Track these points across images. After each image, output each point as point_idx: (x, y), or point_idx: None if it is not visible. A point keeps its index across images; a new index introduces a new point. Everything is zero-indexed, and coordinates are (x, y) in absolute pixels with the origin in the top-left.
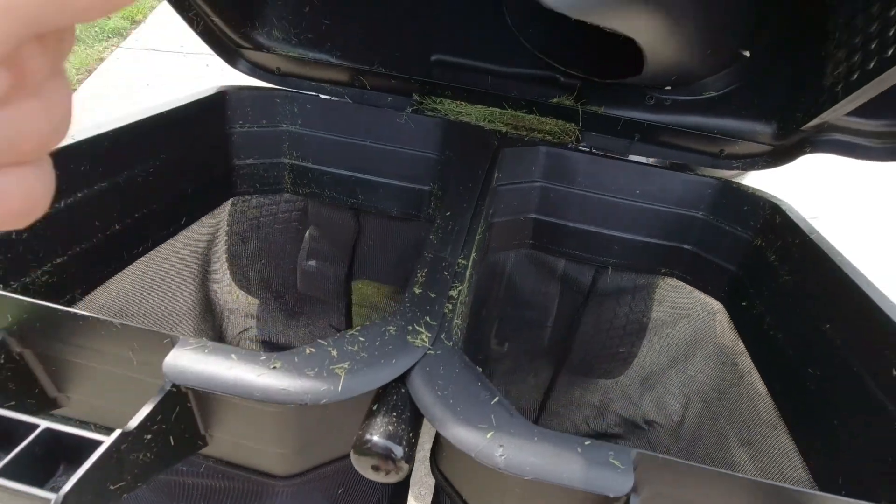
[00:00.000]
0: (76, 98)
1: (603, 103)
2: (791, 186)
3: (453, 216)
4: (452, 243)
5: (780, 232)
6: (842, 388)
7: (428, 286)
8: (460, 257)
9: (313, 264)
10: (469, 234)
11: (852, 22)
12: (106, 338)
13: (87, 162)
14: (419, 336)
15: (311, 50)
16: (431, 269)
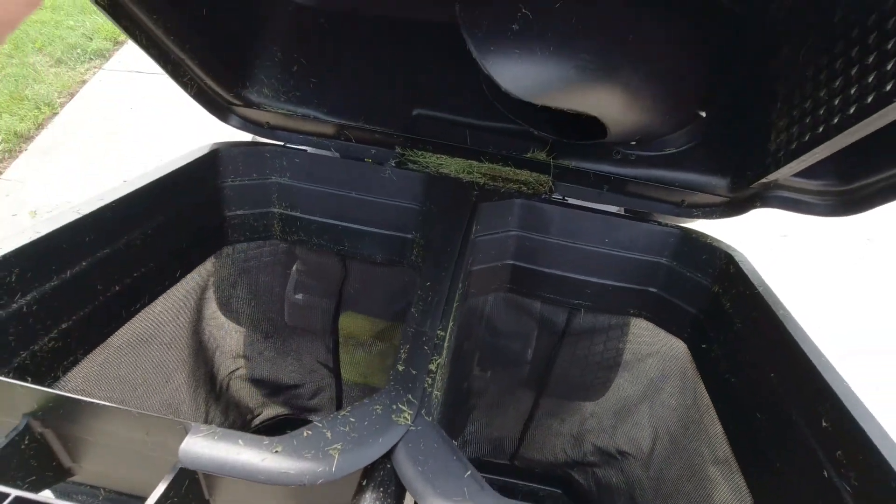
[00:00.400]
0: (59, 122)
1: (573, 157)
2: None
3: (433, 286)
4: (432, 316)
5: (734, 281)
6: (783, 434)
7: (410, 362)
8: (439, 329)
9: (300, 297)
10: (447, 303)
11: (791, 96)
12: (124, 423)
13: (92, 233)
14: (402, 414)
15: (298, 106)
16: (413, 345)
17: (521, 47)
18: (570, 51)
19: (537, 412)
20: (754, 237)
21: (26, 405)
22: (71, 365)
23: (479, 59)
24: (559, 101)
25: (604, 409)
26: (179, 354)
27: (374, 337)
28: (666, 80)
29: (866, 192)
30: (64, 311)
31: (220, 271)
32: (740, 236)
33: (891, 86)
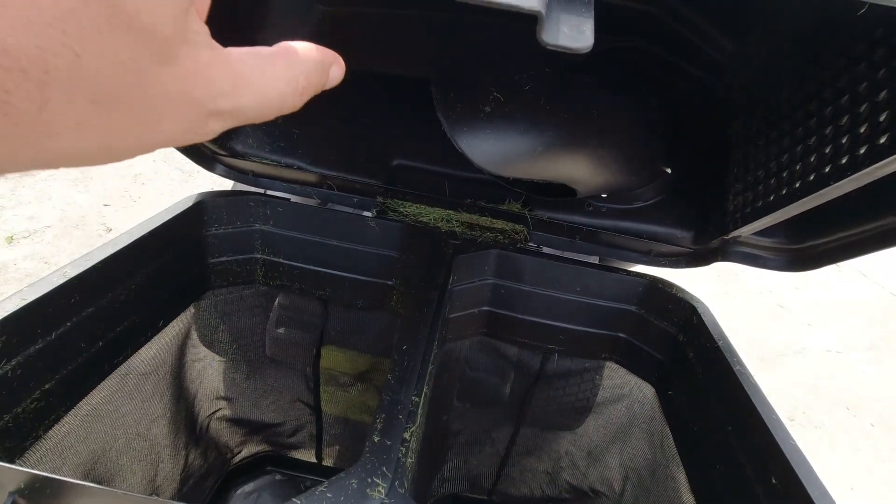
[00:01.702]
0: None
1: (547, 209)
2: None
3: (409, 350)
4: (406, 382)
5: (697, 332)
6: (738, 487)
7: (385, 432)
8: (413, 394)
9: (282, 331)
10: (423, 366)
11: (746, 163)
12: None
13: (77, 294)
14: (377, 488)
15: (283, 156)
16: (389, 414)
17: (493, 127)
18: (538, 129)
19: (513, 449)
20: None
21: (12, 484)
22: (53, 423)
23: (453, 139)
24: (529, 174)
25: (578, 448)
26: (160, 402)
27: (355, 377)
28: (631, 145)
29: (816, 251)
30: (48, 371)
31: (202, 317)
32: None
33: (829, 168)
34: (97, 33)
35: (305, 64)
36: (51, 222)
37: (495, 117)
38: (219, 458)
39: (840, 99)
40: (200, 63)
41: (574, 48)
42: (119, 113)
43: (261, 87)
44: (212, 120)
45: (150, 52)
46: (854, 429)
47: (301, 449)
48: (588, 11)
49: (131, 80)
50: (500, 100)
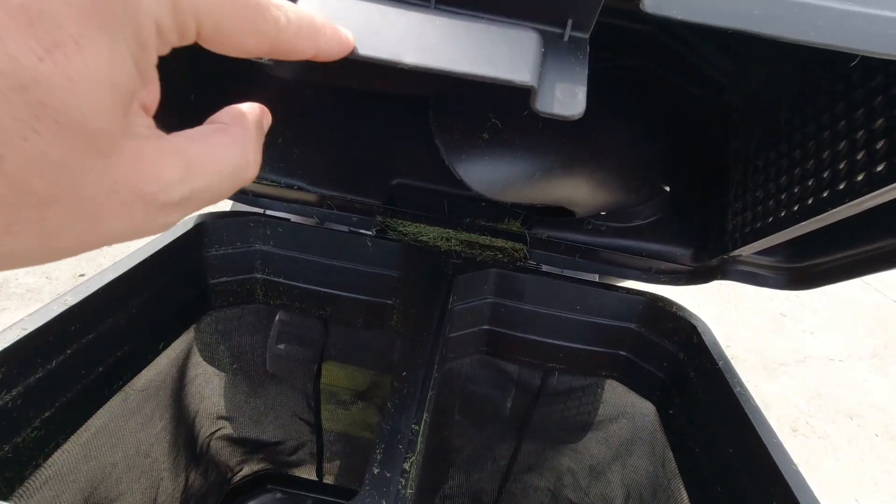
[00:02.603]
0: None
1: (546, 228)
2: None
3: (408, 377)
4: (406, 410)
5: (697, 351)
6: None
7: (385, 464)
8: (413, 423)
9: (283, 347)
10: (423, 392)
11: (745, 183)
12: None
13: (78, 322)
14: None
15: (282, 176)
16: (388, 444)
17: (491, 154)
18: (536, 154)
19: (515, 466)
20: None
21: None
22: (53, 450)
23: (451, 166)
24: (528, 199)
25: (580, 467)
26: (160, 424)
27: (356, 394)
28: (630, 164)
29: (815, 270)
30: (48, 400)
31: (202, 337)
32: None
33: (827, 193)
34: (21, 135)
35: (252, 128)
36: None
37: (493, 143)
38: (219, 477)
39: (837, 124)
40: (146, 155)
41: (566, 116)
42: (54, 212)
43: (214, 167)
44: (165, 212)
45: (86, 150)
46: (858, 438)
47: (302, 466)
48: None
49: (64, 179)
50: (498, 126)
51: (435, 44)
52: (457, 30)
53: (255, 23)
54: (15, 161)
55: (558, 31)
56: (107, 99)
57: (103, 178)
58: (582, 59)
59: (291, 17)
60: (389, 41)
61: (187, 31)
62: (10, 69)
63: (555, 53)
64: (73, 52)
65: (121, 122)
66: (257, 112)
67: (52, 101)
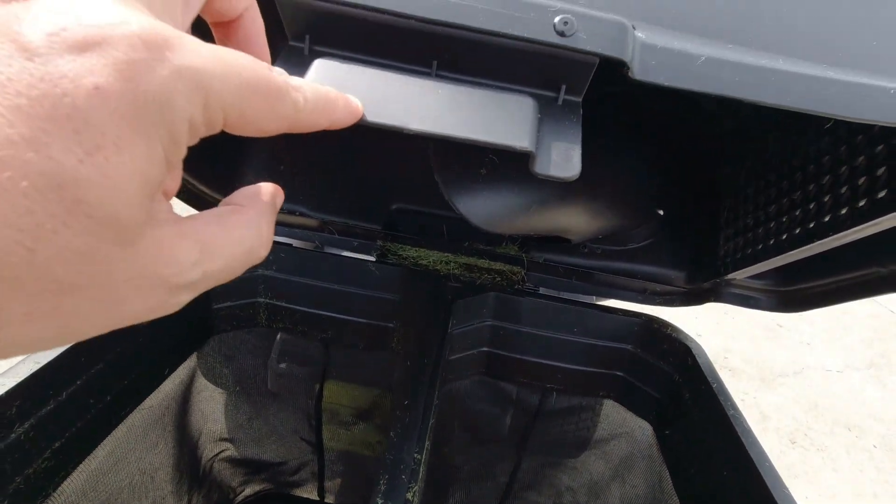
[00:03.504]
0: None
1: (543, 252)
2: None
3: (411, 404)
4: (408, 441)
5: (692, 373)
6: None
7: (388, 495)
8: (415, 452)
9: (284, 366)
10: (424, 420)
11: (736, 209)
12: None
13: (87, 353)
14: None
15: (284, 202)
16: (392, 475)
17: (489, 189)
18: (532, 188)
19: (514, 484)
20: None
21: None
22: (62, 480)
23: (451, 201)
24: (525, 230)
25: (579, 485)
26: (164, 449)
27: (357, 415)
28: (624, 190)
29: (805, 294)
30: (58, 431)
31: (205, 361)
32: None
33: (813, 224)
34: (53, 229)
35: (267, 209)
36: None
37: (491, 179)
38: (222, 498)
39: (822, 158)
40: (165, 241)
41: (563, 177)
42: (76, 299)
43: (229, 250)
44: (180, 293)
45: (112, 240)
46: (856, 450)
47: (303, 486)
48: (576, 137)
49: (89, 268)
50: (495, 161)
51: (438, 111)
52: (458, 96)
53: (276, 108)
54: (45, 254)
55: (553, 94)
56: (139, 192)
57: (125, 265)
58: (575, 121)
59: (309, 97)
60: (395, 109)
61: (216, 123)
62: (52, 170)
63: (550, 116)
64: (112, 154)
65: (147, 212)
66: (271, 191)
67: (87, 197)
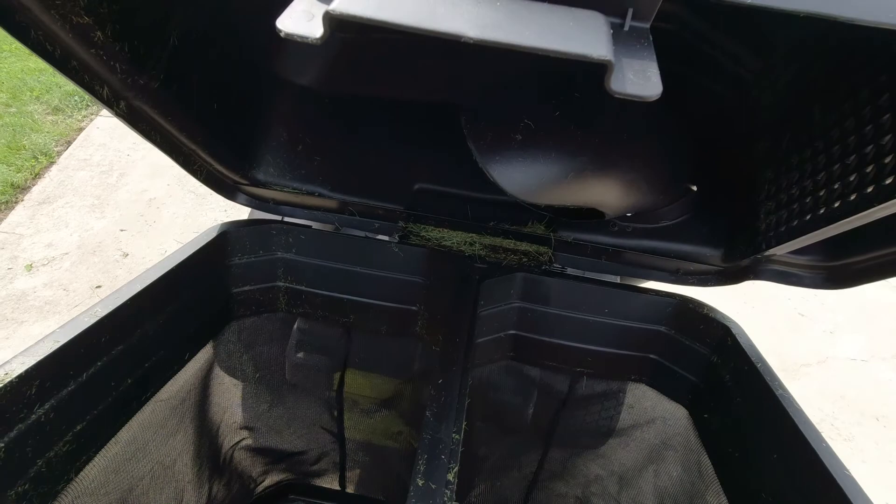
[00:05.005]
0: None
1: (572, 231)
2: None
3: (445, 384)
4: (446, 421)
5: (732, 354)
6: None
7: (429, 475)
8: (453, 431)
9: (301, 356)
10: (460, 400)
11: (778, 181)
12: None
13: (108, 333)
14: None
15: (304, 183)
16: (431, 454)
17: (524, 155)
18: (569, 155)
19: (541, 474)
20: None
21: None
22: (84, 464)
23: (484, 168)
24: (560, 200)
25: (608, 473)
26: (184, 436)
27: (379, 403)
28: (658, 165)
29: (852, 269)
30: (79, 414)
31: (225, 347)
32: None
33: (872, 189)
34: None
35: None
36: (69, 249)
37: (526, 145)
38: (242, 488)
39: (881, 116)
40: None
41: (644, 96)
42: None
43: None
44: None
45: None
46: (885, 440)
47: (324, 476)
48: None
49: None
50: (531, 127)
51: (499, 20)
52: (519, 9)
53: None
54: None
55: (618, 21)
56: None
57: None
58: (647, 45)
59: None
60: (451, 16)
61: None
62: None
63: (618, 40)
64: None
65: None
66: None
67: None
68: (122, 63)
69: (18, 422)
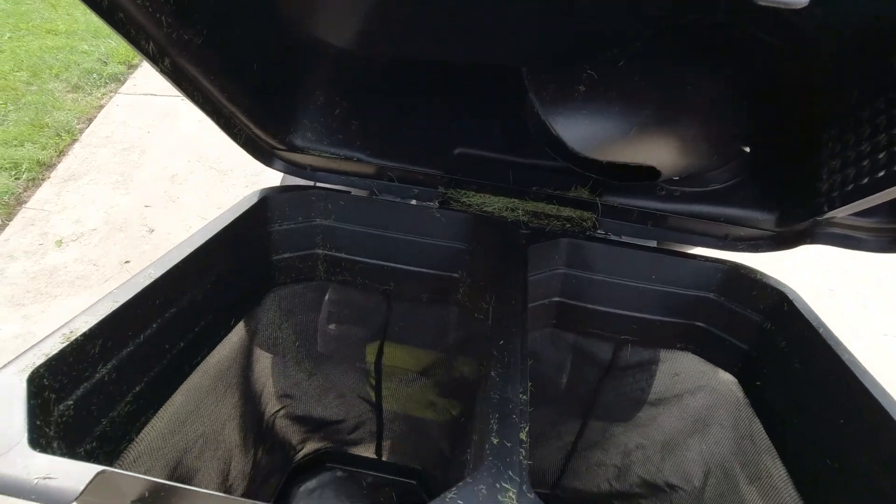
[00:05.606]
0: (79, 149)
1: (618, 195)
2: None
3: (506, 345)
4: (512, 381)
5: (789, 320)
6: (857, 483)
7: (503, 434)
8: (520, 392)
9: (333, 328)
10: (523, 360)
11: (845, 137)
12: None
13: (161, 296)
14: (507, 494)
15: (342, 148)
16: (502, 414)
17: (588, 107)
18: (633, 108)
19: (580, 443)
20: None
21: (133, 492)
22: (142, 425)
23: (547, 121)
24: (622, 156)
25: (651, 442)
26: (231, 401)
27: (418, 372)
28: (716, 123)
29: None
30: (137, 374)
31: (266, 315)
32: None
33: None
34: None
35: None
36: (96, 225)
37: (590, 97)
38: (283, 455)
39: None
40: None
41: (791, 3)
42: None
43: None
44: None
45: None
46: None
47: (361, 445)
48: None
49: None
50: (595, 77)
51: None
52: None
53: None
54: None
55: None
56: None
57: None
58: None
59: None
60: None
61: None
62: None
63: None
64: None
65: None
66: None
67: None
68: (166, 16)
69: (84, 380)
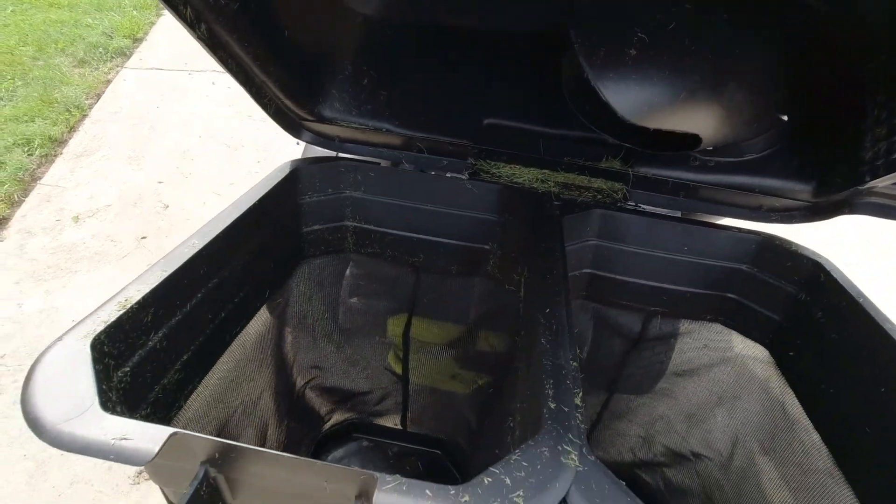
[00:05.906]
0: (90, 124)
1: (651, 166)
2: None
3: (552, 313)
4: (563, 347)
5: (826, 290)
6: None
7: (559, 399)
8: (571, 359)
9: (355, 301)
10: (570, 329)
11: (891, 103)
12: (305, 473)
13: (205, 266)
14: (569, 456)
15: (370, 119)
16: (556, 380)
17: (639, 72)
18: (683, 73)
19: (604, 413)
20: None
21: (203, 454)
22: (189, 393)
23: (596, 86)
24: (669, 123)
25: (675, 413)
26: (267, 372)
27: (445, 344)
28: (762, 90)
29: None
30: (185, 343)
31: (297, 287)
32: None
33: None
34: None
35: None
36: (110, 201)
37: (641, 60)
38: (312, 426)
39: None
40: None
41: None
42: None
43: None
44: None
45: None
46: None
47: (386, 416)
48: None
49: None
50: (645, 41)
51: None
52: None
53: None
54: None
55: None
56: None
57: None
58: None
59: None
60: None
61: None
62: None
63: None
64: None
65: None
66: None
67: None
68: None
69: (139, 347)
